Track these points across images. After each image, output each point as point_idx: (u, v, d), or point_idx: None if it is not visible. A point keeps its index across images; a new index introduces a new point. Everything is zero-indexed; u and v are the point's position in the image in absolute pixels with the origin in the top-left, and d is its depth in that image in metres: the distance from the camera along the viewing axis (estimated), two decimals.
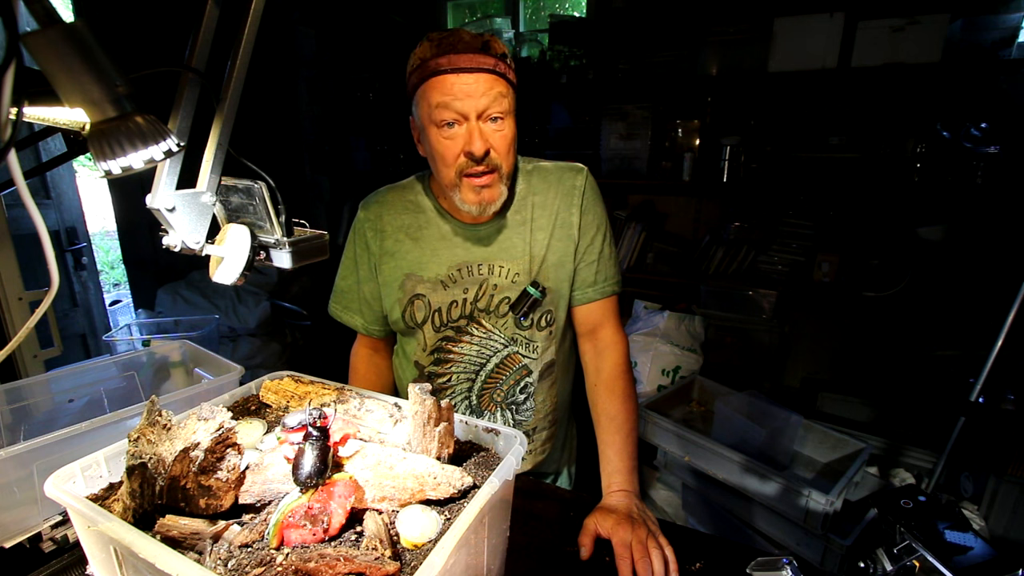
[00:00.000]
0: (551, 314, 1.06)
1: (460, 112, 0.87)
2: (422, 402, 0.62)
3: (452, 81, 0.86)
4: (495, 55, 0.88)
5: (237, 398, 0.80)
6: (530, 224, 1.03)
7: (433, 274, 1.04)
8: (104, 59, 0.46)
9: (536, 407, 1.11)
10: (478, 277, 1.03)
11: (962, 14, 2.08)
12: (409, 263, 1.05)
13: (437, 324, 1.06)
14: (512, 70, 0.92)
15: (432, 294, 1.04)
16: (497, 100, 0.88)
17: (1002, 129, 1.84)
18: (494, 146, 0.90)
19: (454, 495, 0.57)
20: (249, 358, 2.73)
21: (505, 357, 1.07)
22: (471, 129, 0.88)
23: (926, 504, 0.85)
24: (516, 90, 0.93)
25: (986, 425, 1.74)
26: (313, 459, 0.54)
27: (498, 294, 1.03)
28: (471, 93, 0.86)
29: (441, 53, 0.87)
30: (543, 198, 1.03)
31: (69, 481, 0.58)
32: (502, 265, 1.03)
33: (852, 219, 2.47)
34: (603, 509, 0.89)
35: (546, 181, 1.04)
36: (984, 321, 1.72)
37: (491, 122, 0.89)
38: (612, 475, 0.96)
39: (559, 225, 1.03)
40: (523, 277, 1.03)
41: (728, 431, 1.76)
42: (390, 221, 1.07)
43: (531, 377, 1.09)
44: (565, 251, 1.04)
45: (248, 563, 0.48)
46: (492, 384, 1.09)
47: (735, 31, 2.43)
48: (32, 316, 0.60)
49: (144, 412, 0.58)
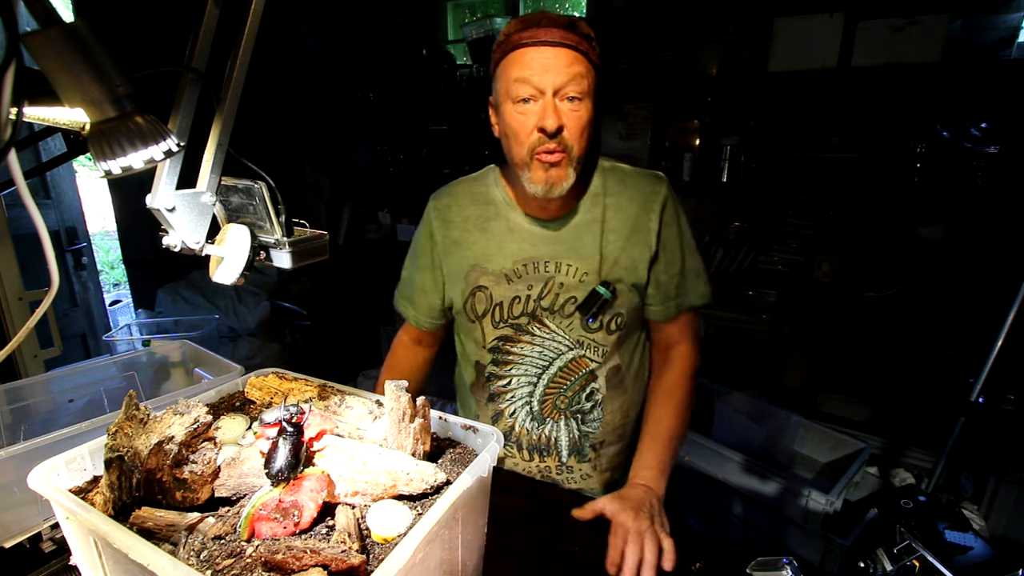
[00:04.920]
0: (620, 317, 1.01)
1: (537, 86, 0.85)
2: (397, 399, 0.62)
3: (532, 55, 0.85)
4: (580, 34, 0.87)
5: (224, 394, 0.81)
6: (602, 224, 0.99)
7: (498, 267, 1.01)
8: (104, 59, 0.46)
9: (604, 419, 1.05)
10: (544, 274, 1.00)
11: (962, 14, 2.08)
12: (475, 254, 1.03)
13: (497, 319, 1.03)
14: (597, 53, 0.89)
15: (495, 287, 1.02)
16: (576, 79, 0.85)
17: (1002, 129, 1.84)
18: (568, 125, 0.87)
19: (427, 491, 0.58)
20: (249, 358, 2.73)
21: (570, 360, 1.02)
22: (546, 104, 0.86)
23: (926, 504, 0.85)
24: (599, 74, 0.90)
25: (986, 425, 1.74)
26: (285, 453, 0.54)
27: (564, 293, 1.00)
28: (549, 68, 0.84)
29: (524, 28, 0.86)
30: (617, 200, 1.00)
31: (53, 473, 0.60)
32: (570, 264, 0.99)
33: (852, 219, 2.47)
34: (618, 494, 0.88)
35: (623, 184, 1.01)
36: (984, 321, 1.72)
37: (568, 101, 0.87)
38: (640, 470, 0.94)
39: (635, 230, 0.99)
40: (591, 277, 0.98)
41: (728, 431, 1.76)
42: (459, 212, 1.05)
43: (597, 383, 1.03)
44: (640, 256, 0.99)
45: (219, 555, 0.49)
46: (555, 389, 1.04)
47: (735, 31, 2.43)
48: (32, 316, 0.60)
49: (123, 406, 0.59)
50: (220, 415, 0.71)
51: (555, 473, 1.08)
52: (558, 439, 1.06)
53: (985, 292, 2.03)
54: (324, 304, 3.08)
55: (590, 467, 1.07)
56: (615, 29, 2.71)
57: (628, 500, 0.86)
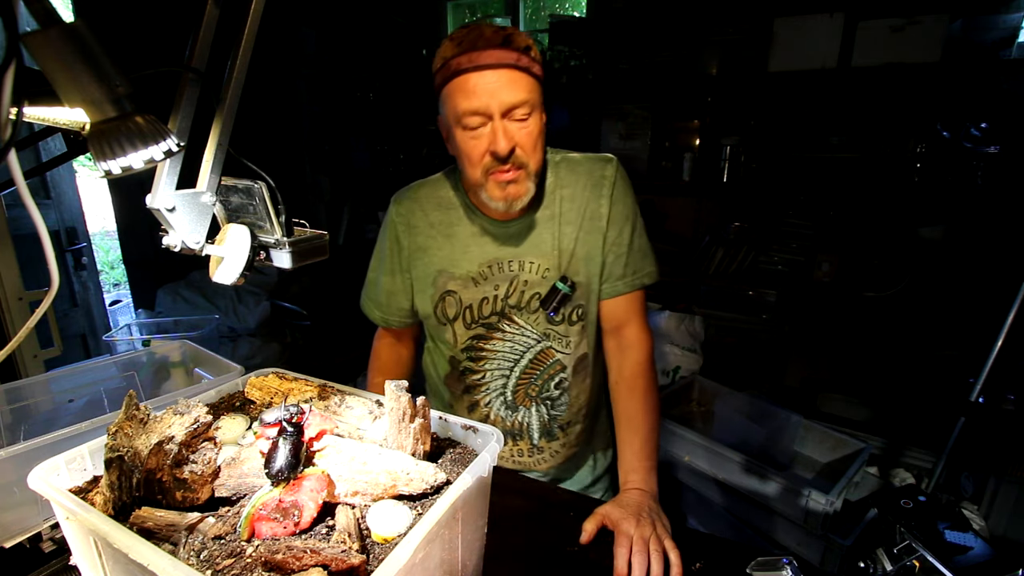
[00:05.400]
0: (583, 308, 1.05)
1: (483, 112, 0.86)
2: (397, 399, 0.62)
3: (474, 81, 0.85)
4: (518, 48, 0.86)
5: (224, 394, 0.81)
6: (559, 218, 1.01)
7: (464, 271, 1.03)
8: (104, 59, 0.46)
9: (570, 401, 1.10)
10: (509, 274, 1.03)
11: (962, 14, 2.08)
12: (441, 259, 1.05)
13: (468, 321, 1.06)
14: (538, 62, 0.89)
15: (463, 291, 1.04)
16: (521, 96, 0.86)
17: (1002, 129, 1.84)
18: (520, 143, 0.89)
19: (427, 491, 0.58)
20: (249, 358, 2.72)
21: (539, 352, 1.07)
22: (495, 128, 0.87)
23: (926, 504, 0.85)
24: (543, 82, 0.90)
25: (986, 425, 1.74)
26: (285, 453, 0.54)
27: (529, 290, 1.03)
28: (493, 92, 0.85)
29: (462, 52, 0.86)
30: (571, 191, 1.02)
31: (53, 473, 0.59)
32: (532, 261, 1.02)
33: (852, 219, 2.47)
34: (615, 502, 0.89)
35: (575, 173, 1.03)
36: (984, 321, 1.72)
37: (516, 120, 0.88)
38: (628, 473, 0.96)
39: (588, 217, 1.01)
40: (553, 272, 1.02)
41: (728, 431, 1.76)
42: (423, 217, 1.06)
43: (565, 372, 1.08)
44: (594, 244, 1.02)
45: (219, 555, 0.49)
46: (526, 380, 1.08)
47: (735, 31, 2.44)
48: (32, 316, 0.60)
49: (123, 406, 0.59)
50: (220, 415, 0.71)
51: (527, 455, 1.13)
52: (530, 424, 1.11)
53: (985, 292, 2.03)
54: (324, 304, 3.08)
55: (559, 444, 1.13)
56: (615, 29, 2.71)
57: (628, 507, 0.87)
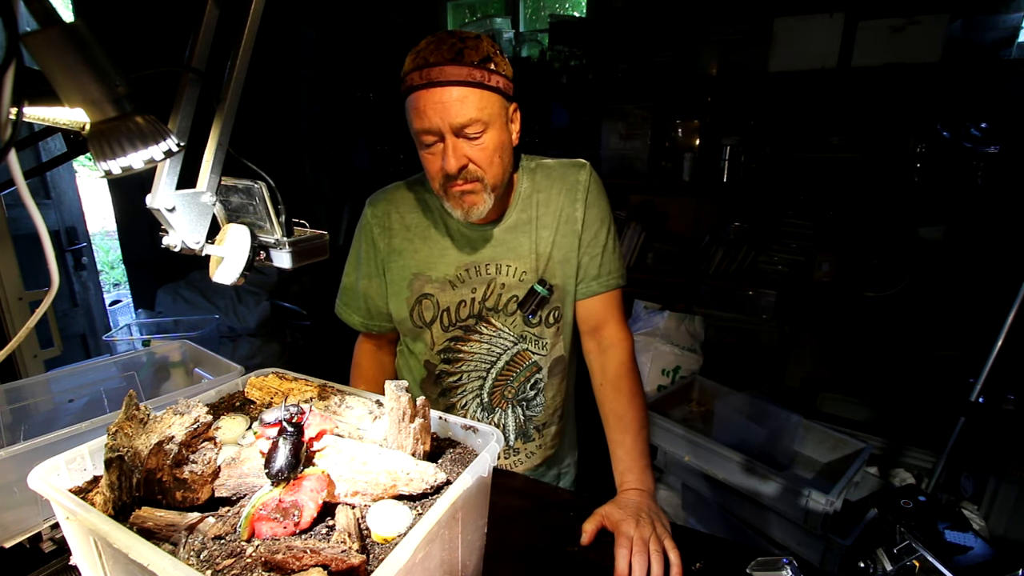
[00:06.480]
0: (559, 311, 1.07)
1: (435, 131, 0.86)
2: (397, 399, 0.62)
3: (425, 99, 0.84)
4: (469, 63, 0.84)
5: (224, 394, 0.81)
6: (535, 222, 1.03)
7: (441, 274, 1.04)
8: (104, 59, 0.46)
9: (546, 403, 1.12)
10: (486, 276, 1.04)
11: (962, 14, 2.08)
12: (417, 263, 1.05)
13: (446, 324, 1.06)
14: (496, 72, 0.87)
15: (440, 294, 1.05)
16: (470, 115, 0.84)
17: (1002, 129, 1.84)
18: (473, 158, 0.89)
19: (427, 491, 0.58)
20: (249, 358, 2.73)
21: (515, 354, 1.08)
22: (447, 147, 0.87)
23: (926, 504, 0.85)
24: (503, 92, 0.89)
25: (986, 425, 1.74)
26: (285, 453, 0.55)
27: (506, 293, 1.04)
28: (443, 111, 0.84)
29: (415, 67, 0.85)
30: (547, 195, 1.03)
31: (53, 473, 0.60)
32: (509, 264, 1.03)
33: (852, 219, 2.47)
34: (614, 503, 0.90)
35: (549, 178, 1.04)
36: (984, 321, 1.72)
37: (468, 137, 0.87)
38: (624, 474, 0.97)
39: (563, 221, 1.03)
40: (530, 275, 1.03)
41: (728, 431, 1.76)
42: (398, 219, 1.06)
43: (541, 373, 1.10)
44: (570, 247, 1.04)
45: (219, 555, 0.49)
46: (503, 381, 1.09)
47: (735, 31, 2.44)
48: (32, 316, 0.60)
49: (123, 406, 0.59)
50: (220, 415, 0.72)
51: (503, 457, 1.13)
52: (506, 425, 1.12)
53: (985, 292, 2.03)
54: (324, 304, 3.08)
55: (535, 446, 1.14)
56: (615, 29, 2.71)
57: (626, 508, 0.87)
